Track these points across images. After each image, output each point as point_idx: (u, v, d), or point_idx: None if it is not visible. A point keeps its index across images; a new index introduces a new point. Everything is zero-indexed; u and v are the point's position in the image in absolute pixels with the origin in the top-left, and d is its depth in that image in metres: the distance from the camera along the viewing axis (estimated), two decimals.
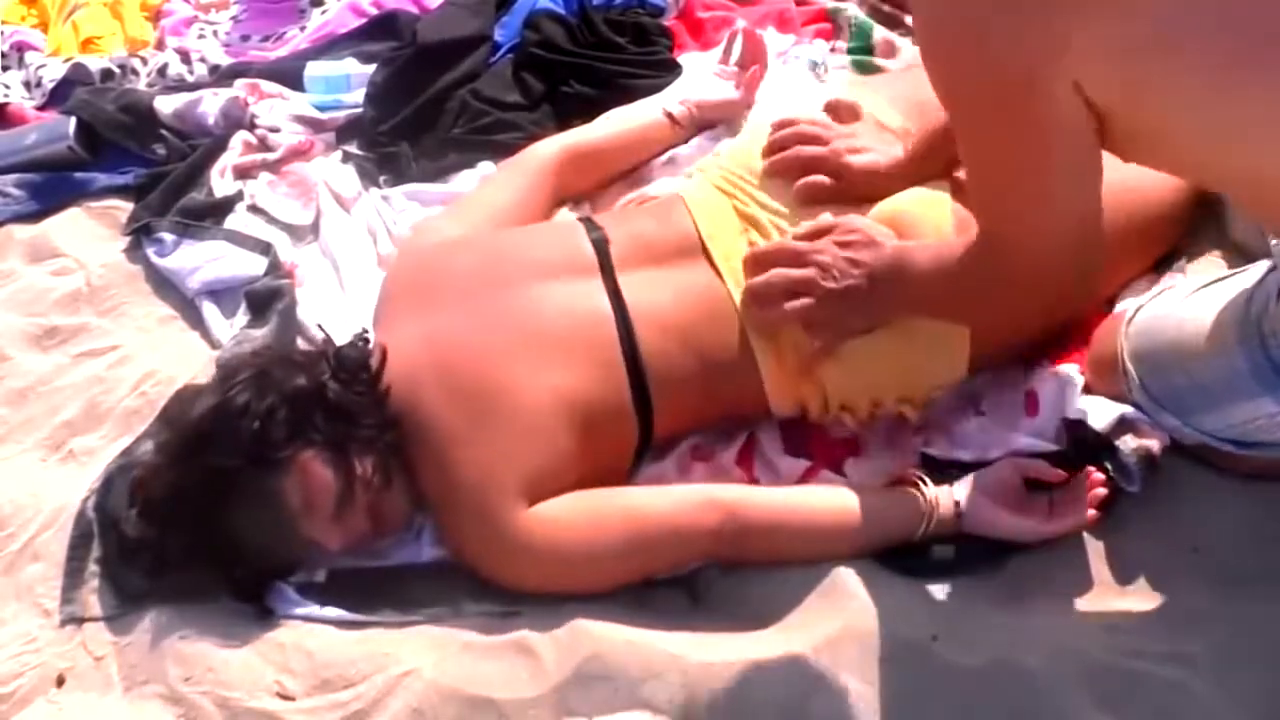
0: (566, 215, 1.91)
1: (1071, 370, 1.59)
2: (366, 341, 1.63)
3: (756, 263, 1.56)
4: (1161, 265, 1.71)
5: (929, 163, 1.62)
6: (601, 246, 1.65)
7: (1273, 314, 1.32)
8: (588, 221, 1.73)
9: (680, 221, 1.67)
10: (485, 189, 1.96)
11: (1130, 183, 1.56)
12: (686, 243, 1.64)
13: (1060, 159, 1.23)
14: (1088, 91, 1.15)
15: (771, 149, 1.70)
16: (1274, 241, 1.31)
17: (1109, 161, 1.28)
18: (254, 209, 2.20)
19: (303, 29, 2.74)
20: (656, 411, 1.58)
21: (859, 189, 1.63)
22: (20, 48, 2.77)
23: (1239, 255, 1.63)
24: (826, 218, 1.56)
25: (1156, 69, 1.12)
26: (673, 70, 2.23)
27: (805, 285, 1.51)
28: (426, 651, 1.45)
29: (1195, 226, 1.73)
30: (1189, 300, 1.45)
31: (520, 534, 1.48)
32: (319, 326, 1.79)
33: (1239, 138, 1.14)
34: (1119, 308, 1.62)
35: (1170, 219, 1.69)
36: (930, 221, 1.57)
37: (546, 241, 1.71)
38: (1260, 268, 1.38)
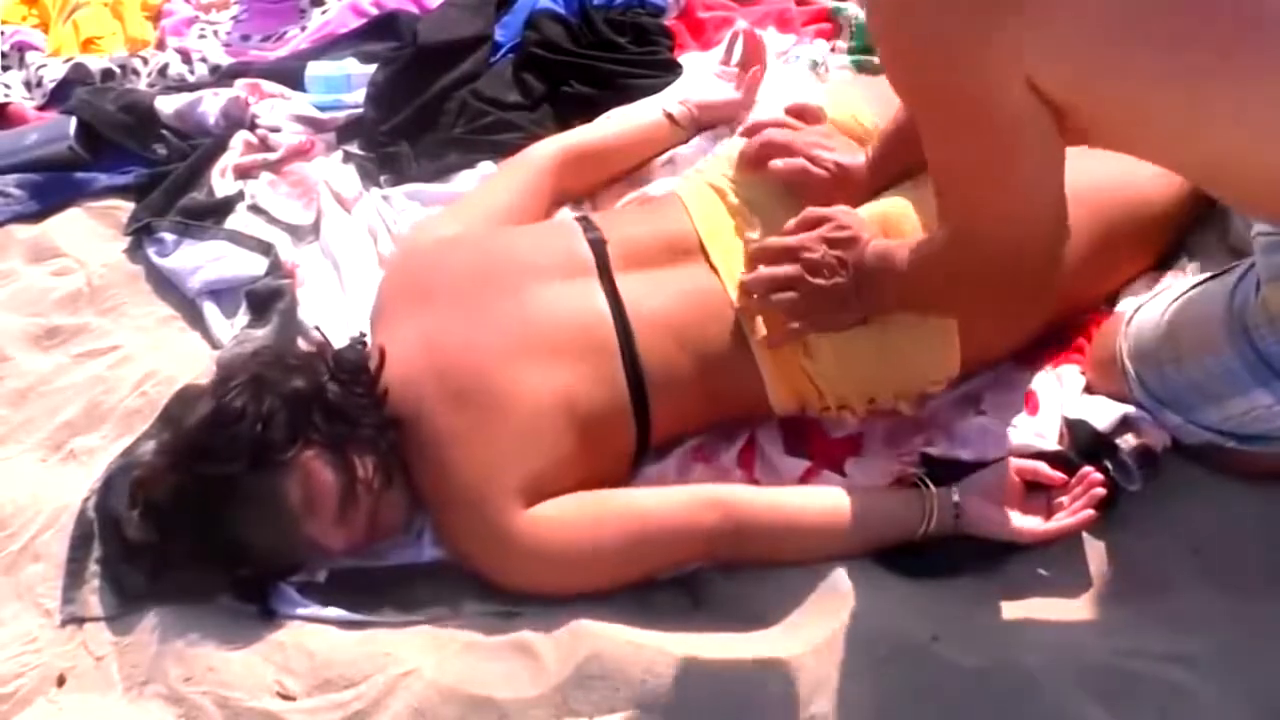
0: (566, 215, 1.91)
1: (1072, 370, 1.60)
2: (364, 344, 1.63)
3: (751, 258, 1.59)
4: (1164, 265, 1.71)
5: (888, 165, 1.67)
6: (599, 247, 1.66)
7: (1254, 308, 1.34)
8: (584, 221, 1.73)
9: (678, 221, 1.68)
10: (485, 189, 1.96)
11: (1126, 180, 1.58)
12: (684, 242, 1.65)
13: (1020, 154, 1.26)
14: (1042, 87, 1.18)
15: (744, 154, 1.74)
16: (1253, 237, 1.33)
17: (1103, 158, 1.31)
18: (255, 209, 2.20)
19: (303, 29, 2.74)
20: (654, 413, 1.58)
21: (825, 184, 1.67)
22: (21, 48, 2.77)
23: (1238, 258, 1.63)
24: (818, 210, 1.58)
25: (1110, 62, 1.15)
26: (673, 70, 2.23)
27: (793, 282, 1.53)
28: (427, 651, 1.46)
29: (1199, 230, 1.73)
30: (1182, 299, 1.47)
31: (518, 535, 1.48)
32: (316, 328, 1.79)
33: (1201, 124, 1.17)
34: (1119, 308, 1.62)
35: (1169, 217, 1.69)
36: (913, 221, 1.59)
37: (543, 242, 1.71)
38: (1244, 264, 1.40)
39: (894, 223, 1.59)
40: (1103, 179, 1.57)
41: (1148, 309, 1.51)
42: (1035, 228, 1.32)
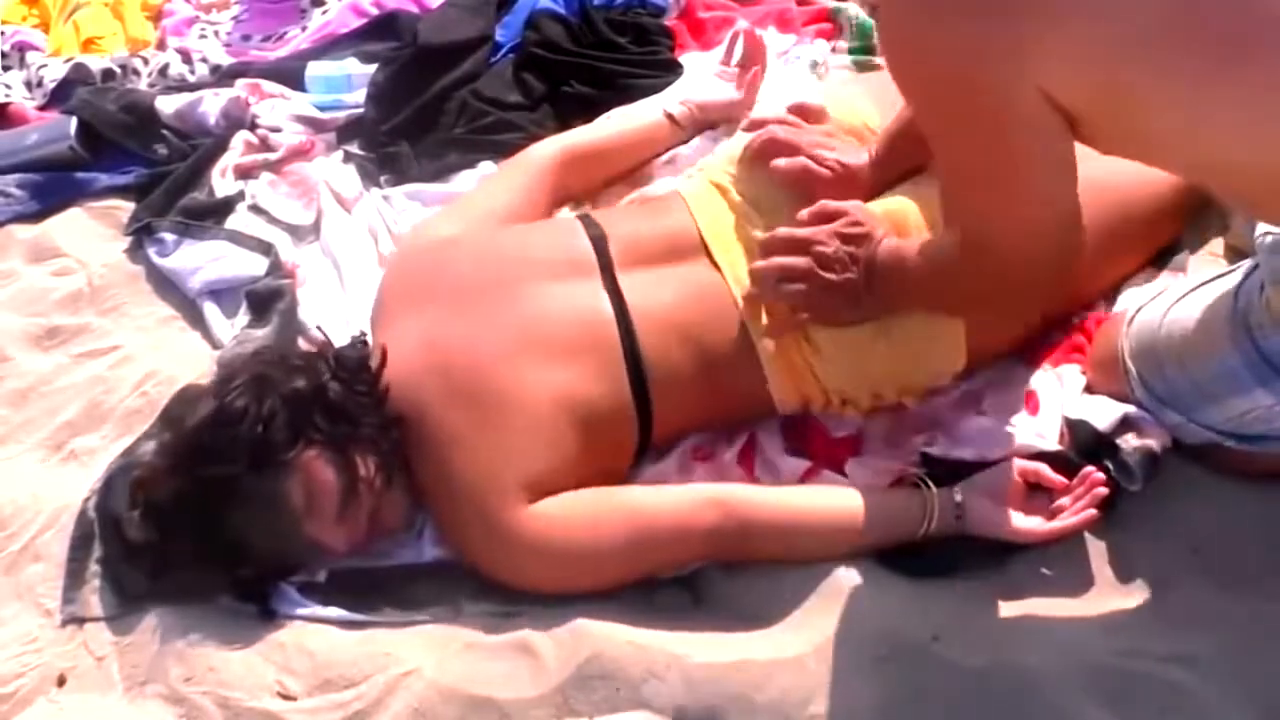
0: (565, 213, 1.91)
1: (1072, 370, 1.60)
2: (365, 343, 1.63)
3: (762, 246, 1.58)
4: (1164, 264, 1.71)
5: (892, 164, 1.66)
6: (600, 245, 1.66)
7: (1258, 309, 1.34)
8: (585, 219, 1.73)
9: (680, 219, 1.68)
10: (485, 189, 1.96)
11: (1121, 177, 1.57)
12: (686, 240, 1.65)
13: (1026, 160, 1.25)
14: (1056, 96, 1.17)
15: (748, 149, 1.73)
16: (1257, 238, 1.32)
17: (1095, 154, 1.30)
18: (255, 209, 2.20)
19: (304, 29, 2.74)
20: (657, 411, 1.58)
21: (828, 184, 1.66)
22: (21, 48, 2.77)
23: (1239, 256, 1.63)
24: (833, 203, 1.57)
25: (1125, 72, 1.14)
26: (674, 70, 2.24)
27: (803, 274, 1.53)
28: (428, 651, 1.46)
29: (1199, 228, 1.73)
30: (1184, 300, 1.47)
31: (520, 533, 1.48)
32: (318, 328, 1.79)
33: (1212, 132, 1.16)
34: (1119, 308, 1.63)
35: (1165, 212, 1.69)
36: (917, 219, 1.59)
37: (544, 240, 1.71)
38: (1248, 265, 1.40)
39: (899, 221, 1.59)
40: (1091, 174, 1.58)
41: (1150, 309, 1.51)
42: (1046, 235, 1.31)
